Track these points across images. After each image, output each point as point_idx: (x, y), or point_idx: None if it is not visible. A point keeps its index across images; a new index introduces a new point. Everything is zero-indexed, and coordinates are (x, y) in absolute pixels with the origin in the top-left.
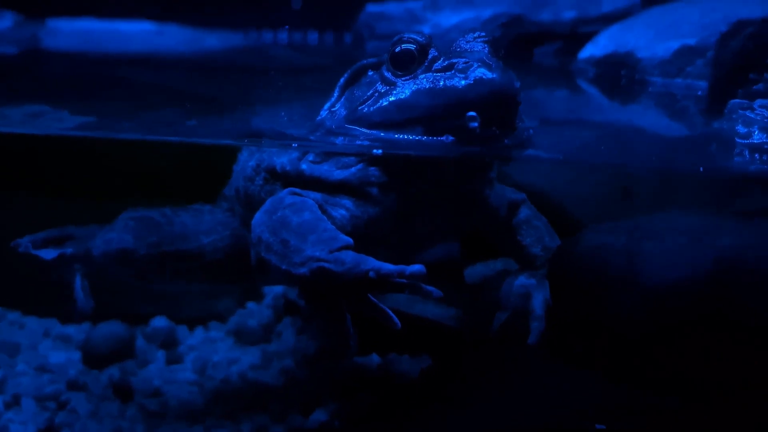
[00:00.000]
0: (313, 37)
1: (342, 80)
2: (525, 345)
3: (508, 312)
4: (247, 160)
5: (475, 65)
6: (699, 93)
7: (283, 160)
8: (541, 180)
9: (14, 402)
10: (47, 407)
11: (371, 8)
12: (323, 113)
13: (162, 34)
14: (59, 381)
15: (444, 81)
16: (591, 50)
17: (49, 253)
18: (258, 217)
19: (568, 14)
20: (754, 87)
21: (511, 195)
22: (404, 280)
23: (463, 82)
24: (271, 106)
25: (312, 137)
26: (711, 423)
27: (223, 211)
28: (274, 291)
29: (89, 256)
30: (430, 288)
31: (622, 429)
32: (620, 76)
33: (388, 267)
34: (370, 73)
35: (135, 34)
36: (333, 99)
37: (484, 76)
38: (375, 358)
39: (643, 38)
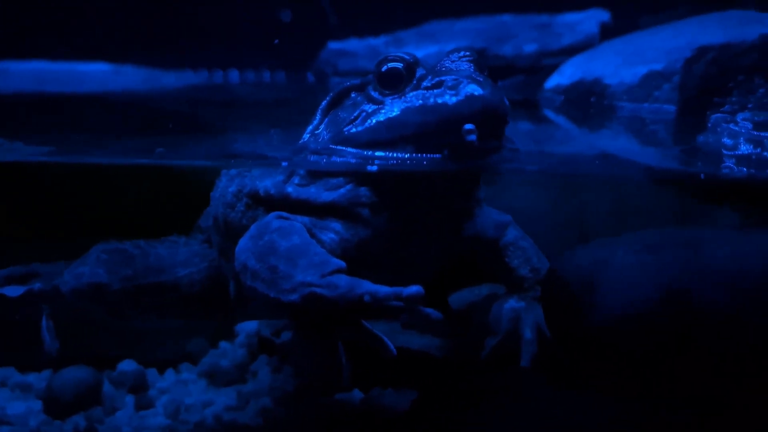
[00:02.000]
0: (275, 74)
1: (324, 103)
2: (518, 369)
3: (499, 337)
4: (227, 185)
5: (465, 82)
6: (667, 117)
7: (266, 183)
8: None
9: None
10: None
11: (333, 45)
12: (306, 136)
13: (118, 74)
14: None
15: (434, 98)
16: (557, 79)
17: (14, 291)
18: (242, 243)
19: (530, 48)
20: (721, 109)
21: (497, 217)
22: (401, 304)
23: (454, 99)
24: (245, 134)
25: (296, 159)
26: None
27: (199, 242)
28: (246, 329)
29: (57, 293)
30: (428, 310)
31: None
32: (589, 103)
33: (384, 290)
34: (354, 95)
35: (91, 74)
36: (315, 122)
37: (475, 92)
38: (357, 394)
39: (610, 65)
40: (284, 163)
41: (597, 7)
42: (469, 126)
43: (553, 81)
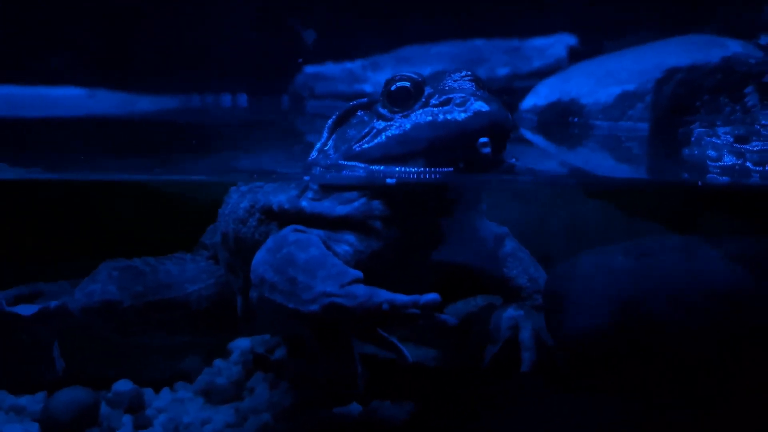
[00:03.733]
0: (250, 98)
1: (330, 121)
2: (518, 375)
3: (499, 344)
4: (238, 201)
5: (472, 99)
6: (641, 134)
7: (280, 198)
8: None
9: None
10: None
11: (309, 69)
12: (314, 153)
13: (93, 98)
14: None
15: (444, 114)
16: (533, 100)
17: (27, 309)
18: (259, 256)
19: (502, 71)
20: (691, 127)
21: (495, 229)
22: (417, 311)
23: (463, 115)
24: (246, 152)
25: (316, 174)
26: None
27: (204, 259)
28: (240, 347)
29: (67, 311)
30: (444, 317)
31: None
32: (566, 122)
33: (402, 298)
34: (360, 113)
35: (64, 99)
36: (323, 139)
37: (482, 108)
38: (355, 407)
39: (585, 86)
40: (306, 177)
41: (564, 32)
42: (483, 140)
43: (529, 102)
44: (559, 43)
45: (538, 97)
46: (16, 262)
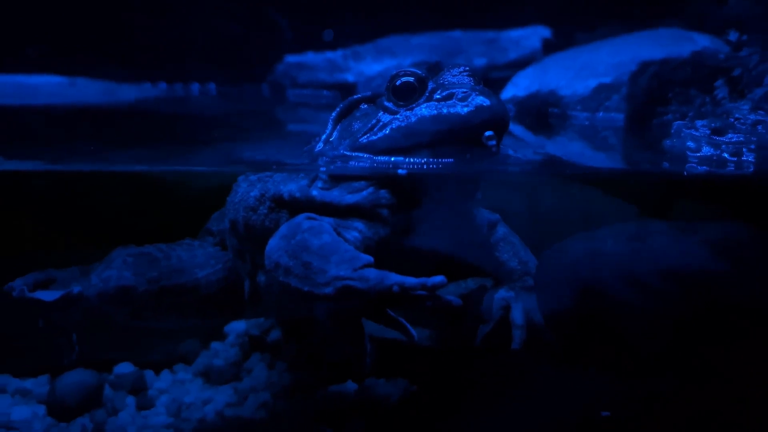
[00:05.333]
0: (231, 87)
1: (334, 114)
2: (509, 353)
3: (491, 324)
4: (248, 190)
5: (474, 94)
6: (617, 124)
7: (291, 187)
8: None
9: None
10: None
11: (291, 58)
12: (320, 145)
13: (74, 86)
14: None
15: (447, 108)
16: (513, 91)
17: (50, 295)
18: (273, 243)
19: (479, 61)
20: (665, 118)
21: (488, 215)
22: (425, 292)
23: (465, 109)
24: (247, 142)
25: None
26: (702, 401)
27: (211, 245)
28: (235, 329)
29: (83, 296)
30: (450, 298)
31: (626, 414)
32: (545, 113)
33: (411, 280)
34: (364, 106)
35: (43, 87)
36: (327, 131)
37: (483, 103)
38: (351, 385)
39: (564, 78)
40: (322, 168)
41: (538, 24)
42: (489, 133)
43: (509, 92)
44: (534, 35)
45: (518, 88)
46: (15, 251)
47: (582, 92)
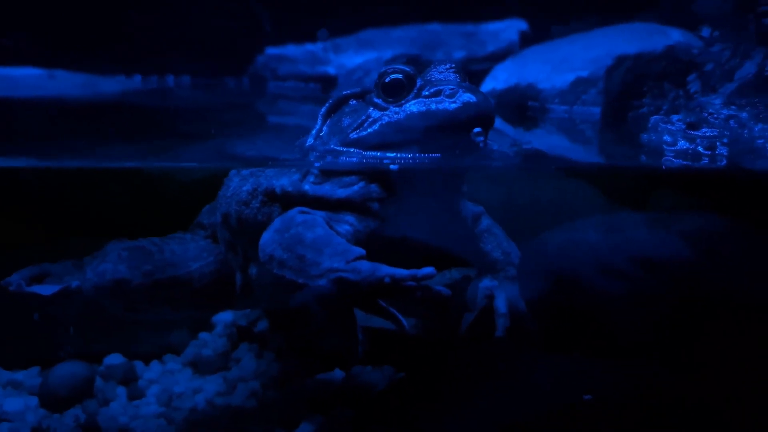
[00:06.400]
0: (211, 79)
1: (323, 109)
2: (493, 341)
3: (475, 312)
4: (240, 185)
5: (461, 91)
6: (594, 118)
7: (283, 182)
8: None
9: None
10: None
11: (271, 50)
12: (310, 140)
13: (53, 79)
14: (22, 428)
15: (436, 105)
16: (492, 84)
17: (47, 289)
18: (267, 236)
19: (459, 54)
20: (640, 111)
21: (473, 207)
22: (415, 283)
23: (453, 105)
24: (230, 137)
25: (313, 161)
26: (680, 385)
27: (202, 238)
28: (223, 320)
29: (80, 290)
30: (439, 288)
31: (607, 397)
32: (524, 106)
33: (402, 272)
34: (353, 102)
35: (22, 79)
36: (317, 126)
37: (470, 100)
38: (338, 373)
39: (542, 72)
40: (317, 164)
41: (515, 17)
42: (477, 129)
43: (488, 85)
44: (511, 28)
45: (497, 81)
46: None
47: (560, 86)
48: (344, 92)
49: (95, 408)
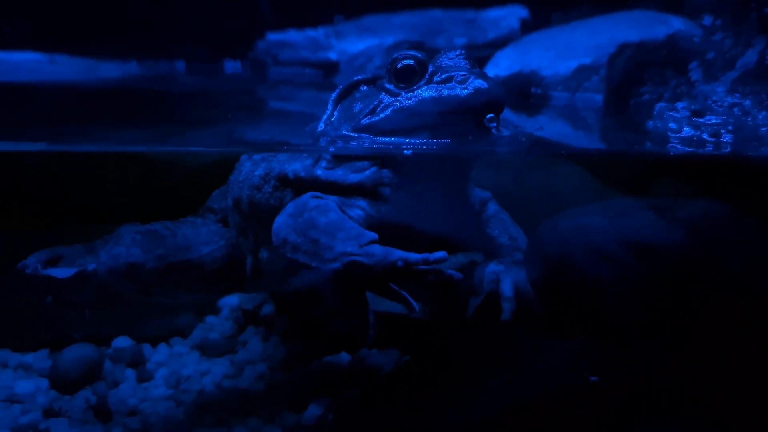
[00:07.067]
0: (214, 65)
1: (334, 95)
2: (499, 324)
3: (482, 296)
4: (252, 169)
5: (472, 77)
6: (596, 105)
7: (295, 167)
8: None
9: None
10: None
11: (273, 36)
12: (321, 125)
13: (54, 63)
14: (33, 410)
15: (447, 91)
16: (494, 70)
17: (64, 272)
18: (281, 221)
19: (459, 41)
20: (642, 98)
21: (480, 193)
22: (427, 267)
23: (464, 92)
24: (236, 122)
25: (327, 147)
26: (685, 367)
27: (213, 222)
28: (229, 304)
29: (96, 273)
30: (451, 272)
31: (614, 379)
32: (527, 92)
33: (414, 256)
34: (364, 87)
35: (22, 64)
36: (328, 112)
37: (481, 86)
38: (344, 356)
39: (545, 59)
40: (331, 149)
41: (515, 4)
42: (491, 115)
43: (490, 72)
44: (512, 15)
45: (499, 67)
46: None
47: (563, 73)
48: (355, 78)
49: (105, 390)
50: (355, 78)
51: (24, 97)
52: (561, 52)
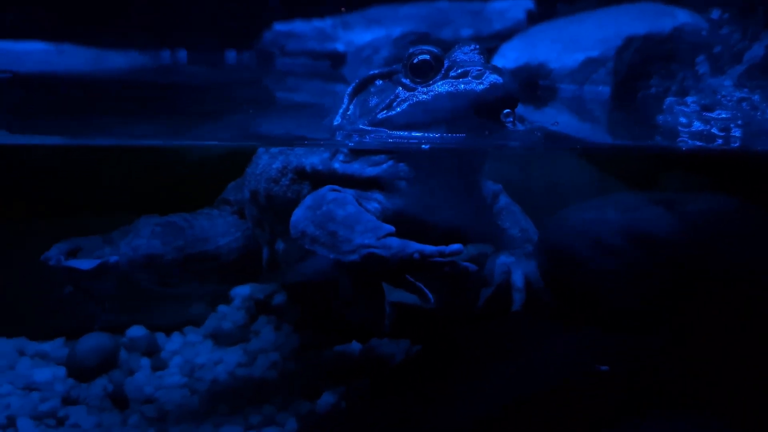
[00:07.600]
0: (220, 55)
1: (350, 89)
2: (510, 315)
3: (492, 287)
4: (270, 162)
5: (487, 72)
6: (603, 97)
7: (313, 160)
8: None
9: (9, 423)
10: (47, 424)
11: (279, 27)
12: (338, 119)
13: (62, 54)
14: (52, 398)
15: (463, 85)
16: (501, 62)
17: (86, 263)
18: (299, 213)
19: (466, 32)
20: (649, 92)
21: (491, 186)
22: (443, 259)
23: (480, 87)
24: (248, 114)
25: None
26: (693, 355)
27: (229, 214)
28: (240, 293)
29: (118, 265)
30: (466, 264)
31: (623, 369)
32: (535, 84)
33: (430, 248)
34: (379, 82)
35: (29, 54)
36: (344, 105)
37: (497, 81)
38: (355, 345)
39: (553, 51)
40: (349, 143)
41: None
42: (507, 111)
43: (498, 64)
44: (518, 6)
45: (506, 59)
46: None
47: (571, 65)
48: (371, 72)
49: (121, 378)
50: (371, 72)
51: (34, 87)
52: (568, 45)
